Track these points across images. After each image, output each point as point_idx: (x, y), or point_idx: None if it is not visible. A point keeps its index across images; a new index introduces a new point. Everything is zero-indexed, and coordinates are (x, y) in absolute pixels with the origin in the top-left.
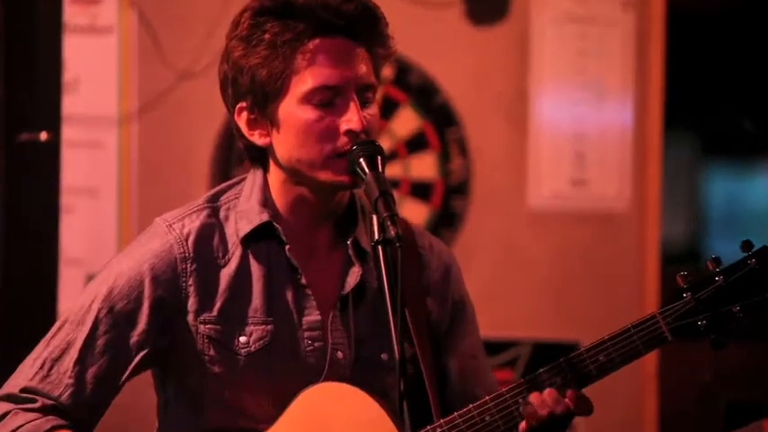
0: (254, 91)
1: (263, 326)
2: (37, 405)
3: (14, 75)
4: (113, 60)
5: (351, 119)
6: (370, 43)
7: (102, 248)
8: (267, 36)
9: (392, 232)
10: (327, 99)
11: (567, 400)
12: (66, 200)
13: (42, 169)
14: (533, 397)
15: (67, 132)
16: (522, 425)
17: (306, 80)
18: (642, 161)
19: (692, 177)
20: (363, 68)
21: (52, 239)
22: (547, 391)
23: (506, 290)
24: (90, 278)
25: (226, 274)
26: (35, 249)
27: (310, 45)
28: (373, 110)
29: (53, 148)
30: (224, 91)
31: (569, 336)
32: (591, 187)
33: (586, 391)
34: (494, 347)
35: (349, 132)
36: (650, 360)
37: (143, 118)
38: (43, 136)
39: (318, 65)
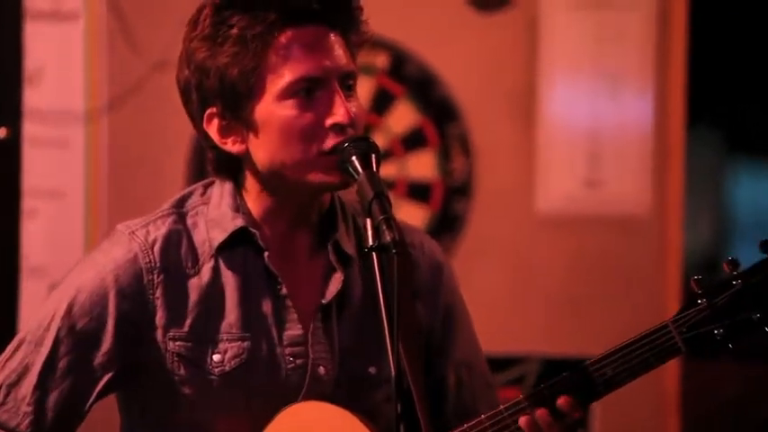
0: (224, 94)
1: (239, 342)
2: None
3: None
4: (79, 49)
5: (336, 112)
6: (345, 28)
7: (68, 256)
8: (234, 31)
9: (388, 237)
10: (308, 93)
11: (562, 406)
12: (27, 203)
13: (1, 169)
14: (523, 422)
15: (29, 129)
16: None
17: (283, 75)
18: (663, 160)
19: (718, 178)
20: (342, 56)
21: (13, 247)
22: (538, 413)
23: (513, 301)
24: (54, 289)
25: (196, 286)
26: None
27: (282, 38)
28: (357, 100)
29: (13, 146)
30: (187, 99)
31: (582, 351)
32: (607, 189)
33: (605, 410)
34: (499, 364)
35: (335, 126)
36: (671, 377)
37: (113, 113)
38: (2, 133)
39: (295, 57)
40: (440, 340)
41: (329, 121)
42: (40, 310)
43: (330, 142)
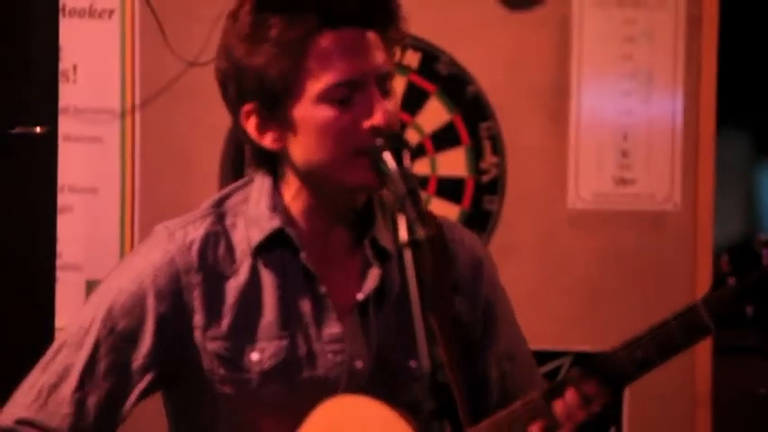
0: (262, 93)
1: (278, 341)
2: None
3: (6, 62)
4: (115, 47)
5: (374, 114)
6: (383, 27)
7: (104, 252)
8: (273, 33)
9: (421, 234)
10: (346, 95)
11: (588, 390)
12: (63, 199)
13: (37, 166)
14: (557, 406)
15: (65, 126)
16: None
17: (321, 78)
18: (694, 158)
19: (749, 176)
20: (380, 57)
21: (48, 243)
22: (568, 395)
23: (545, 298)
24: (90, 285)
25: (234, 286)
26: (29, 254)
27: (321, 40)
28: (393, 101)
29: (49, 142)
30: (225, 92)
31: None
32: (637, 187)
33: (635, 401)
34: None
35: (373, 129)
36: (702, 369)
37: (147, 110)
38: (38, 129)
39: (333, 60)
40: (482, 334)
41: (367, 124)
42: (80, 314)
43: (365, 143)
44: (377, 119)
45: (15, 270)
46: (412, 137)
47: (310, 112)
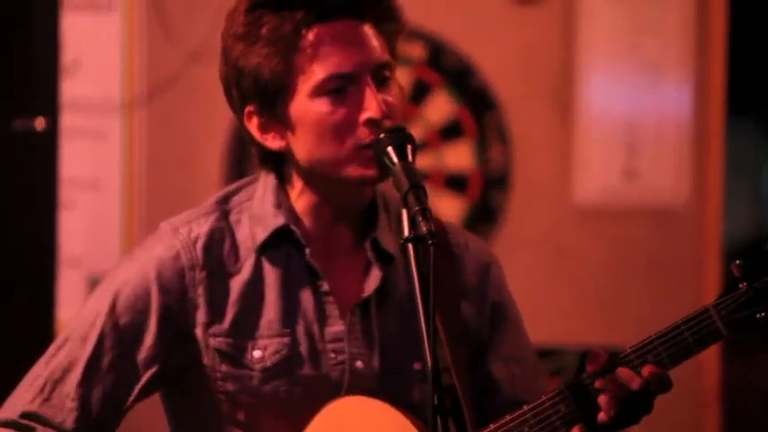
0: (259, 93)
1: (280, 338)
2: None
3: (8, 56)
4: (117, 40)
5: (368, 106)
6: (377, 19)
7: (105, 247)
8: (264, 31)
9: (424, 228)
10: (340, 88)
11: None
12: (65, 194)
13: (39, 160)
14: (605, 379)
15: (67, 119)
16: (601, 415)
17: (313, 73)
18: (702, 150)
19: (757, 168)
20: (375, 47)
21: (50, 237)
22: (620, 370)
23: (551, 293)
24: (92, 280)
25: (238, 283)
26: (31, 248)
27: (310, 35)
28: (393, 91)
29: (51, 136)
30: (228, 94)
31: (620, 343)
32: (645, 180)
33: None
34: (537, 356)
35: (369, 122)
36: (711, 370)
37: (150, 104)
38: (40, 123)
39: (324, 54)
40: (489, 337)
41: (363, 117)
42: (84, 307)
43: (365, 137)
44: (371, 111)
45: (17, 265)
46: (417, 130)
47: (306, 107)
